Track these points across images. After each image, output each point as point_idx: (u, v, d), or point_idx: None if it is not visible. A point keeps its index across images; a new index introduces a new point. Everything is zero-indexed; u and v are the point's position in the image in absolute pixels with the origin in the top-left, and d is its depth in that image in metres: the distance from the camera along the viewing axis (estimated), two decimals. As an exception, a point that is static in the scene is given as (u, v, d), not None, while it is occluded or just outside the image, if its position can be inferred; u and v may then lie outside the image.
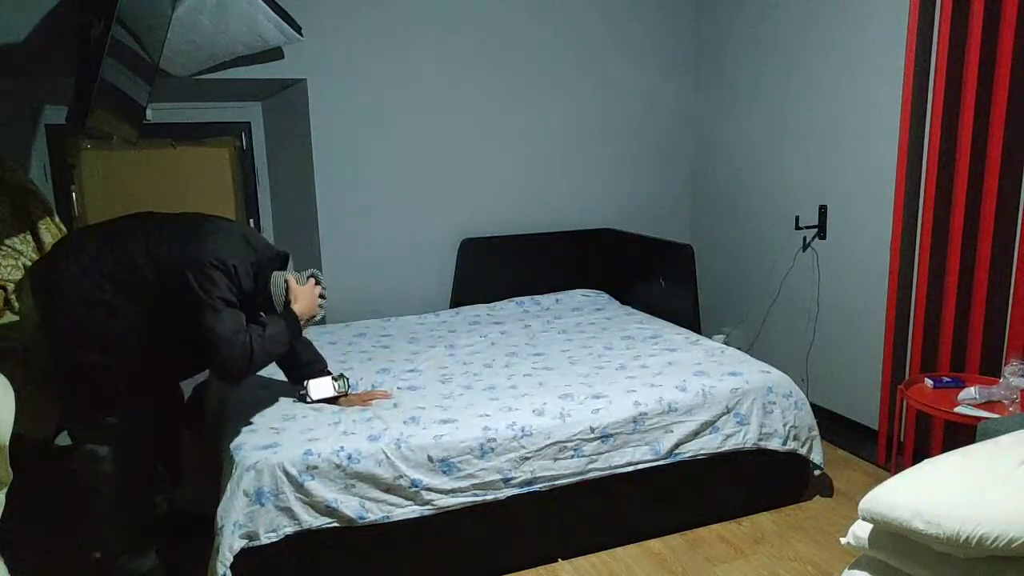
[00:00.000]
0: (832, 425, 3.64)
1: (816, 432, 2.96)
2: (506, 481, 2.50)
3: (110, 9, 2.16)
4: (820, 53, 3.62)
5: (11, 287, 2.49)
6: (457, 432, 2.49)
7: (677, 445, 2.71)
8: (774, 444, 2.86)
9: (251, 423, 2.53)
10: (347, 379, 2.76)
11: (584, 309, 4.04)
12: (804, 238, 3.82)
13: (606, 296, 4.26)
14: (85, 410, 2.39)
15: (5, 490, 1.63)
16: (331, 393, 2.71)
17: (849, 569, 1.82)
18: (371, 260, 4.04)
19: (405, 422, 2.54)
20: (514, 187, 4.27)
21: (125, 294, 2.28)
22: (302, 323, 2.50)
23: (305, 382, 2.71)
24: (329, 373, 2.76)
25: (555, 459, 2.56)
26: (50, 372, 2.43)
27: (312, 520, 2.30)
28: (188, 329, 2.27)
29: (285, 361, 2.70)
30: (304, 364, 2.74)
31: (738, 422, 2.81)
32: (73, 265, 2.28)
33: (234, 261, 2.32)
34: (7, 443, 1.60)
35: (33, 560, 2.62)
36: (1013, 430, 1.96)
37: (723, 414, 2.79)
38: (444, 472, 2.43)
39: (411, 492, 2.39)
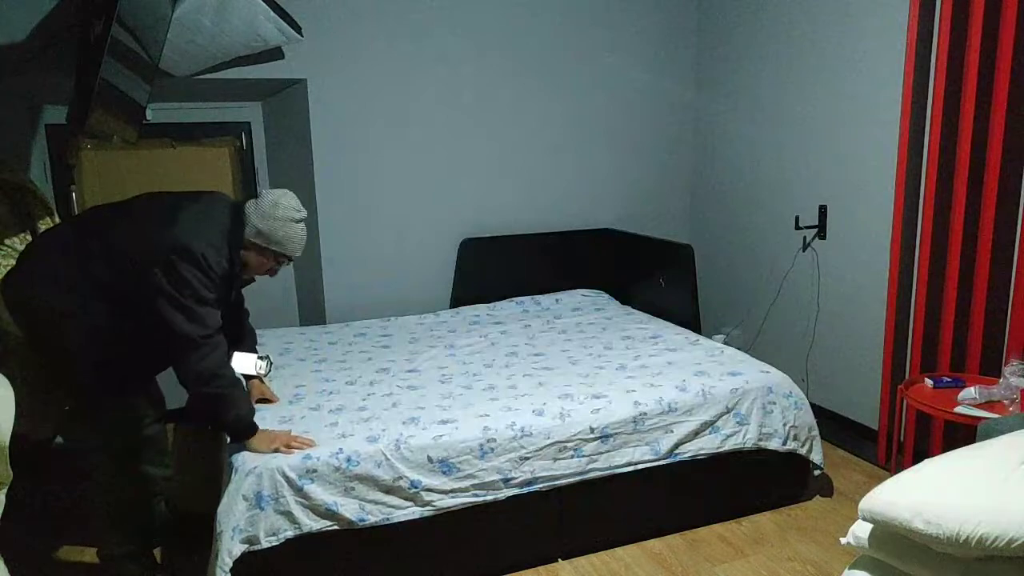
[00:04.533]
0: (832, 425, 3.64)
1: (816, 432, 2.96)
2: (506, 481, 2.50)
3: (110, 9, 2.16)
4: (820, 53, 3.62)
5: None
6: (457, 432, 2.49)
7: (677, 445, 2.71)
8: (774, 444, 2.86)
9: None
10: (270, 362, 2.77)
11: (584, 309, 4.04)
12: (804, 238, 3.82)
13: (606, 296, 4.26)
14: (76, 409, 2.37)
15: (5, 490, 1.63)
16: (252, 371, 2.66)
17: (849, 569, 1.82)
18: (371, 260, 4.04)
19: (404, 422, 2.54)
20: (514, 187, 4.27)
21: (97, 297, 2.21)
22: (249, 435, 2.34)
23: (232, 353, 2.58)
24: (255, 352, 2.73)
25: (555, 459, 2.56)
26: (46, 373, 2.43)
27: (312, 523, 2.29)
28: (160, 326, 2.17)
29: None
30: (236, 341, 2.66)
31: (738, 422, 2.81)
32: (40, 278, 2.21)
33: (201, 248, 2.16)
34: (7, 443, 1.60)
35: (33, 560, 2.62)
36: (1013, 430, 1.96)
37: (723, 414, 2.79)
38: (444, 472, 2.43)
39: (411, 493, 2.39)
